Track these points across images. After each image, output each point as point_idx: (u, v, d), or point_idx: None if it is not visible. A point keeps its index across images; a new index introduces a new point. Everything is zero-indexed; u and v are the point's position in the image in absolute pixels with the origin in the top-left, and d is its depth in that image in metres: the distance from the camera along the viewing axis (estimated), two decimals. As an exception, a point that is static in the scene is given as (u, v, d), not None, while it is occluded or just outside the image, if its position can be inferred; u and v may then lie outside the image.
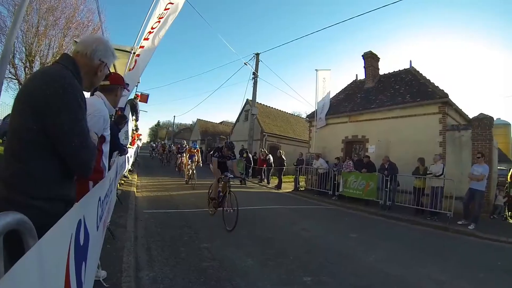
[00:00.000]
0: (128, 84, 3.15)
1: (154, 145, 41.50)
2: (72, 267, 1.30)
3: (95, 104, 2.43)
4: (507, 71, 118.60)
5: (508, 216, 9.98)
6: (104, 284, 3.04)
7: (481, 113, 10.35)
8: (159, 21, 6.77)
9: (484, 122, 10.07)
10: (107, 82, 2.57)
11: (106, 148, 2.75)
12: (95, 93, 2.64)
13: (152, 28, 6.77)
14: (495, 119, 10.90)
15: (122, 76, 3.97)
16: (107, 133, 2.68)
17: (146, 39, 6.83)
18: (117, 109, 5.73)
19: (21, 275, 0.76)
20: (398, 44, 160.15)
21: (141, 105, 13.71)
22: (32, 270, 0.83)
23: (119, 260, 3.76)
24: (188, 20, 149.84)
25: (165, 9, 6.73)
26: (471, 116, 11.59)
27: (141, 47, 6.86)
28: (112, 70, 1.95)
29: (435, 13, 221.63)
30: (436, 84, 12.69)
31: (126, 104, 7.90)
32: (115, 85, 2.73)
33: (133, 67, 6.88)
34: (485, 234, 7.25)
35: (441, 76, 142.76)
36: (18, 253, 0.87)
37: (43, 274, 0.90)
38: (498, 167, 13.43)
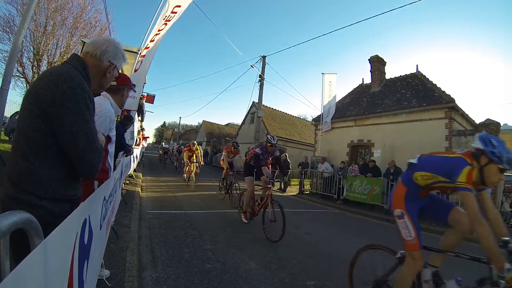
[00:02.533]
0: (134, 85, 3.16)
1: (167, 145, 27.50)
2: (76, 266, 1.30)
3: (102, 105, 2.44)
4: (505, 79, 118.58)
5: (515, 223, 9.86)
6: (107, 283, 3.05)
7: (488, 119, 10.29)
8: (165, 24, 6.79)
9: (490, 128, 10.00)
10: (114, 83, 2.58)
11: (111, 148, 2.76)
12: (101, 94, 2.65)
13: (159, 31, 6.80)
14: (502, 124, 10.82)
15: (129, 77, 4.00)
16: (113, 134, 2.69)
17: (152, 40, 6.86)
18: (123, 109, 5.77)
19: (26, 274, 0.76)
20: (405, 49, 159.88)
21: (147, 106, 13.77)
22: (37, 269, 0.83)
23: (123, 259, 3.77)
24: (195, 22, 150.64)
25: (172, 12, 6.74)
26: (478, 121, 11.52)
27: (146, 48, 6.89)
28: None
29: (443, 19, 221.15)
30: (442, 89, 12.62)
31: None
32: (121, 86, 2.74)
33: (138, 68, 6.92)
34: (491, 241, 7.17)
35: (448, 81, 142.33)
36: (23, 252, 0.87)
37: (47, 273, 0.90)
38: (504, 174, 13.30)
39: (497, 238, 2.23)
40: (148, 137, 19.33)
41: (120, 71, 2.00)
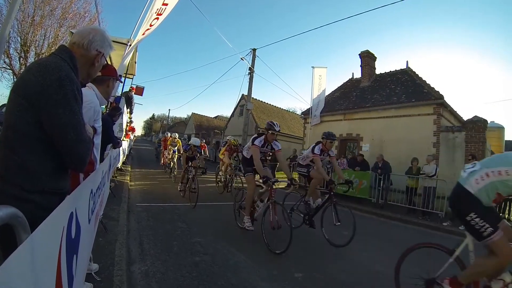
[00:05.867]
0: (121, 76, 3.13)
1: (197, 140, 9.75)
2: (64, 260, 1.29)
3: (86, 95, 2.40)
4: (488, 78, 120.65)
5: (498, 217, 10.09)
6: (96, 277, 3.03)
7: (475, 116, 10.43)
8: (157, 18, 6.64)
9: (478, 125, 10.16)
10: (99, 73, 2.55)
11: (97, 140, 2.73)
12: (86, 84, 2.62)
13: (151, 25, 6.64)
14: (489, 122, 10.99)
15: (116, 68, 3.93)
16: (98, 125, 2.65)
17: (143, 34, 6.73)
18: (111, 101, 5.69)
19: (13, 269, 0.76)
20: (396, 46, 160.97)
21: (136, 98, 13.62)
22: (24, 264, 0.83)
23: (111, 253, 3.76)
24: (185, 14, 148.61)
25: (164, 4, 6.60)
26: (465, 118, 11.68)
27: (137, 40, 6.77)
28: (108, 61, 1.93)
29: (435, 17, 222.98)
30: (431, 86, 12.76)
31: (121, 97, 7.84)
32: (106, 76, 2.70)
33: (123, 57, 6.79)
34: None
35: (437, 78, 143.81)
36: (11, 247, 0.86)
37: (35, 268, 0.89)
38: (490, 169, 13.53)
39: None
40: (134, 129, 18.30)
41: (109, 62, 1.98)
